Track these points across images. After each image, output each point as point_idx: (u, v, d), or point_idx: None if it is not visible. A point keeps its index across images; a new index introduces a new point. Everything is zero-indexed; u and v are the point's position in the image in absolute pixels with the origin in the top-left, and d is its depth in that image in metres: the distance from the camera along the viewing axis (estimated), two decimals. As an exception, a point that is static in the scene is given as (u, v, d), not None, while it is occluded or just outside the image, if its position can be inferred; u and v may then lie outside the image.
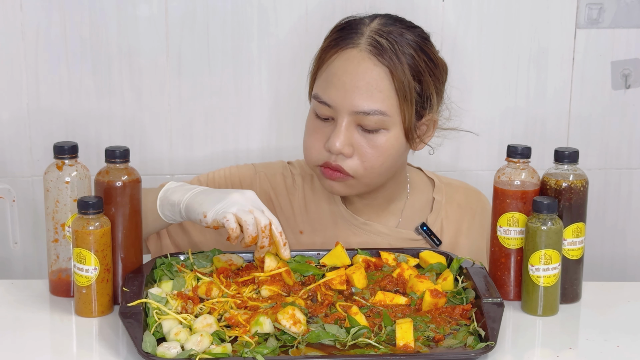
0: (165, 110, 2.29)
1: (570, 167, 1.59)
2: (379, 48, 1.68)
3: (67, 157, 1.57)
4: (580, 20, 2.31)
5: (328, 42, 1.74)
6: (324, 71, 1.72)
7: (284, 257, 1.58)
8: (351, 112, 1.67)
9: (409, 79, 1.68)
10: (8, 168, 2.28)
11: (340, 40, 1.71)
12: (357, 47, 1.69)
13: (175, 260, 1.63)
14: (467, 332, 1.45)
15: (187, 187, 1.63)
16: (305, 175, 1.87)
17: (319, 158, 1.71)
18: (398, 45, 1.68)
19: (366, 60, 1.68)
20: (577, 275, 1.62)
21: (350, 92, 1.67)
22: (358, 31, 1.71)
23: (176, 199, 1.61)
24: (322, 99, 1.69)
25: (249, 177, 1.86)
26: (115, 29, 2.23)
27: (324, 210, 1.83)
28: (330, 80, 1.69)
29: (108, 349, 1.44)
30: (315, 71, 1.75)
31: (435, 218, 1.85)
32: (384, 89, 1.67)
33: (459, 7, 2.28)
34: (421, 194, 1.88)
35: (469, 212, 1.88)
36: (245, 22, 2.26)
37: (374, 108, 1.67)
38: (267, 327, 1.42)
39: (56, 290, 1.62)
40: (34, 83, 2.25)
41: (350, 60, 1.69)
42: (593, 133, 2.38)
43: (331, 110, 1.69)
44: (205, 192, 1.59)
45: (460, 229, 1.87)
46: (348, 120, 1.68)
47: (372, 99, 1.67)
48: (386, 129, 1.69)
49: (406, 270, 1.61)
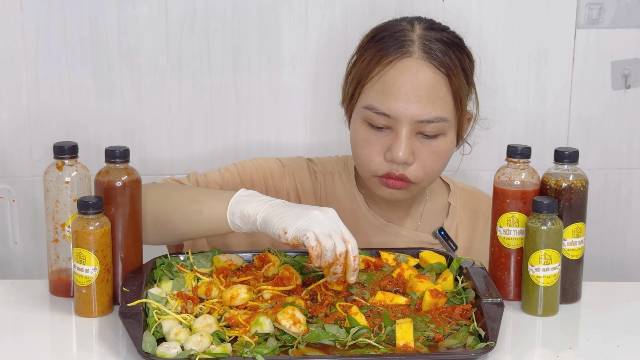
0: (165, 110, 2.29)
1: (570, 167, 1.59)
2: (434, 55, 1.69)
3: (67, 157, 1.57)
4: (580, 20, 2.31)
5: (374, 53, 1.72)
6: (376, 82, 1.70)
7: (349, 281, 1.52)
8: (413, 122, 1.68)
9: (463, 82, 1.71)
10: (8, 168, 2.28)
11: (391, 50, 1.70)
12: (412, 55, 1.69)
13: (175, 260, 1.63)
14: (467, 332, 1.45)
15: (262, 199, 1.56)
16: (327, 173, 1.87)
17: (379, 169, 1.71)
18: (448, 49, 1.69)
19: (424, 68, 1.68)
20: (577, 275, 1.62)
21: (412, 102, 1.67)
22: (406, 39, 1.70)
23: (252, 211, 1.54)
24: (380, 110, 1.68)
25: (277, 169, 1.85)
26: (115, 29, 2.23)
27: (345, 208, 1.83)
28: (389, 91, 1.68)
29: (108, 349, 1.44)
30: (360, 82, 1.73)
31: (451, 223, 1.87)
32: (443, 96, 1.69)
33: (459, 8, 2.28)
34: (438, 199, 1.89)
35: (481, 217, 1.89)
36: (245, 22, 2.26)
37: (436, 115, 1.68)
38: (267, 327, 1.42)
39: (56, 290, 1.62)
40: (34, 83, 2.25)
41: (408, 69, 1.68)
42: (593, 133, 2.38)
43: (389, 120, 1.69)
44: (284, 206, 1.53)
45: (474, 235, 1.88)
46: (409, 129, 1.68)
47: (434, 106, 1.68)
48: (444, 134, 1.71)
49: (406, 270, 1.61)
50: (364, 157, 1.73)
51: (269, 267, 1.61)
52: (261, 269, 1.61)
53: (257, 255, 1.65)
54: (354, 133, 1.75)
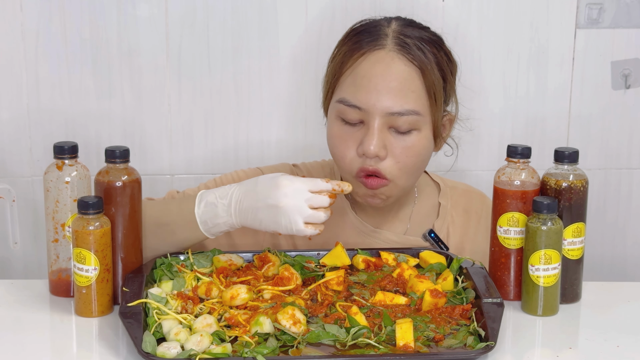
0: (165, 110, 2.29)
1: (570, 167, 1.59)
2: (407, 47, 1.67)
3: (67, 157, 1.57)
4: (580, 20, 2.31)
5: (350, 46, 1.72)
6: (349, 75, 1.69)
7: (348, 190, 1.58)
8: (384, 114, 1.66)
9: (438, 78, 1.68)
10: (8, 168, 2.28)
11: (364, 42, 1.70)
12: (385, 48, 1.68)
13: (175, 260, 1.63)
14: (467, 332, 1.45)
15: (218, 208, 1.58)
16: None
17: (353, 165, 1.69)
18: (423, 45, 1.68)
19: (396, 60, 1.67)
20: (577, 275, 1.62)
21: (384, 94, 1.65)
22: (380, 33, 1.70)
23: (226, 223, 1.58)
24: (352, 102, 1.67)
25: None
26: (115, 29, 2.23)
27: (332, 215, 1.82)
28: (360, 83, 1.67)
29: (108, 349, 1.44)
30: (335, 76, 1.73)
31: (441, 224, 1.85)
32: (416, 89, 1.67)
33: (459, 7, 2.28)
34: (427, 199, 1.87)
35: (474, 216, 1.87)
36: (245, 22, 2.26)
37: (408, 108, 1.66)
38: (267, 327, 1.42)
39: (56, 290, 1.62)
40: (34, 83, 2.25)
41: (379, 61, 1.67)
42: (593, 133, 2.38)
43: (361, 113, 1.67)
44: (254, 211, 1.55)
45: (466, 234, 1.86)
46: (380, 122, 1.66)
47: (406, 99, 1.66)
48: (418, 130, 1.68)
49: (406, 270, 1.61)
50: (338, 154, 1.71)
51: (269, 267, 1.61)
52: (261, 269, 1.61)
53: (257, 255, 1.65)
54: (329, 130, 1.74)
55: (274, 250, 1.65)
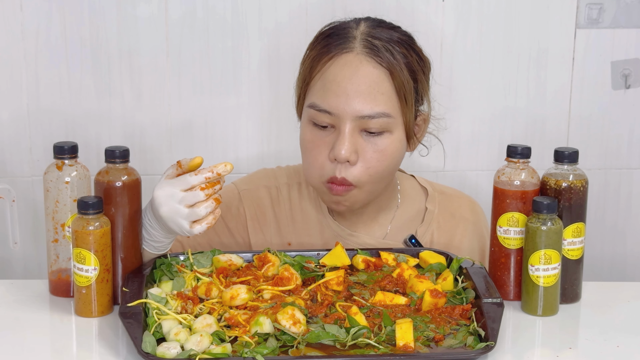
0: (165, 110, 2.29)
1: (570, 167, 1.59)
2: (375, 50, 1.66)
3: (67, 157, 1.57)
4: (580, 20, 2.31)
5: (319, 50, 1.70)
6: (318, 79, 1.68)
7: (226, 170, 1.52)
8: (354, 118, 1.64)
9: (408, 78, 1.67)
10: (8, 168, 2.28)
11: (332, 46, 1.68)
12: (353, 51, 1.67)
13: (175, 261, 1.63)
14: (467, 332, 1.45)
15: (148, 225, 1.60)
16: (292, 184, 1.84)
17: (323, 173, 1.67)
18: (392, 46, 1.67)
19: (364, 63, 1.66)
20: (577, 275, 1.62)
21: (353, 97, 1.64)
22: (349, 35, 1.68)
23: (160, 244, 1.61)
24: (322, 107, 1.66)
25: (233, 199, 1.82)
26: (115, 29, 2.23)
27: (311, 219, 1.81)
28: (329, 87, 1.66)
29: (108, 349, 1.44)
30: (305, 81, 1.72)
31: (425, 229, 1.82)
32: (386, 91, 1.66)
33: (459, 7, 2.29)
34: (412, 204, 1.85)
35: (462, 222, 1.85)
36: (245, 22, 2.26)
37: (378, 111, 1.65)
38: (267, 327, 1.42)
39: (56, 291, 1.62)
40: (34, 83, 2.25)
41: (348, 64, 1.66)
42: (593, 133, 2.38)
43: (332, 118, 1.66)
44: (161, 226, 1.57)
45: (452, 240, 1.83)
46: (351, 126, 1.65)
47: (376, 101, 1.65)
48: (389, 132, 1.67)
49: (406, 270, 1.61)
50: (311, 159, 1.69)
51: (269, 267, 1.61)
52: (261, 269, 1.61)
53: (257, 255, 1.64)
54: (302, 135, 1.72)
55: (274, 250, 1.65)
